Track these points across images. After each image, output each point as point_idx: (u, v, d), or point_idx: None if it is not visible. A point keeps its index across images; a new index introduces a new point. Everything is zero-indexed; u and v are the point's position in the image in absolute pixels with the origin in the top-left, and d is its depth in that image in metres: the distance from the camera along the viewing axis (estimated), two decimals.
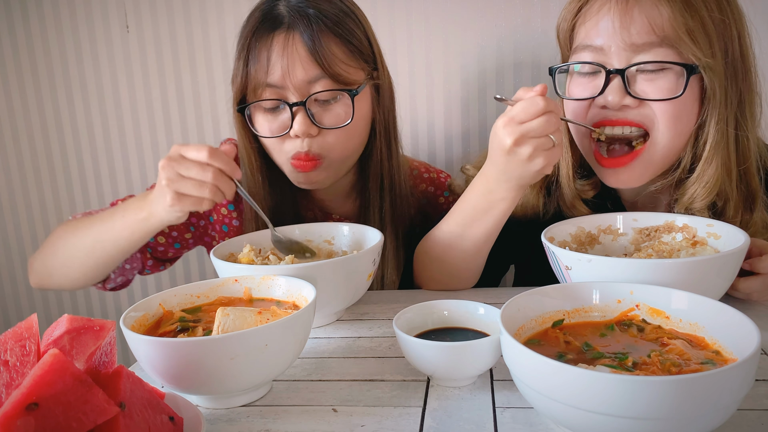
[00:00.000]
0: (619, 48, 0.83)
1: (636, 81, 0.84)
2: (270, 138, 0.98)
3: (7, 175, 1.66)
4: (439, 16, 1.41)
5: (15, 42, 1.57)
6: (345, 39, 0.95)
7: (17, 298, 1.74)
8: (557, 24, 0.94)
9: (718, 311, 0.59)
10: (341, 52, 0.95)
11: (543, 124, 0.76)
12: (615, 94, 0.84)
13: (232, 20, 1.48)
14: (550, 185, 0.98)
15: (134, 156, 1.60)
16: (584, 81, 0.88)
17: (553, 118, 0.76)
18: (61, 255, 1.00)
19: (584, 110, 0.89)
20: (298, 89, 0.94)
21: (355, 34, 0.97)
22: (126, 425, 0.46)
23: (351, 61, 0.96)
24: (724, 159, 0.85)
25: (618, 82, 0.84)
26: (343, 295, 0.83)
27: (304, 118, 0.94)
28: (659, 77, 0.83)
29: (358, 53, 0.98)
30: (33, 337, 0.50)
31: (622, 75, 0.83)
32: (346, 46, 0.96)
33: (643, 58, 0.82)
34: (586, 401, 0.47)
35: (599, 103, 0.86)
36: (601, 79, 0.85)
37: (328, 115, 0.96)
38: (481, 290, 0.96)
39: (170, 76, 1.53)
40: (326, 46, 0.93)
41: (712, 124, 0.84)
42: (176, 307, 0.73)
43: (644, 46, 0.82)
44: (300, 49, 0.92)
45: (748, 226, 0.88)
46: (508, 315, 0.60)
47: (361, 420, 0.60)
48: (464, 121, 1.46)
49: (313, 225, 0.99)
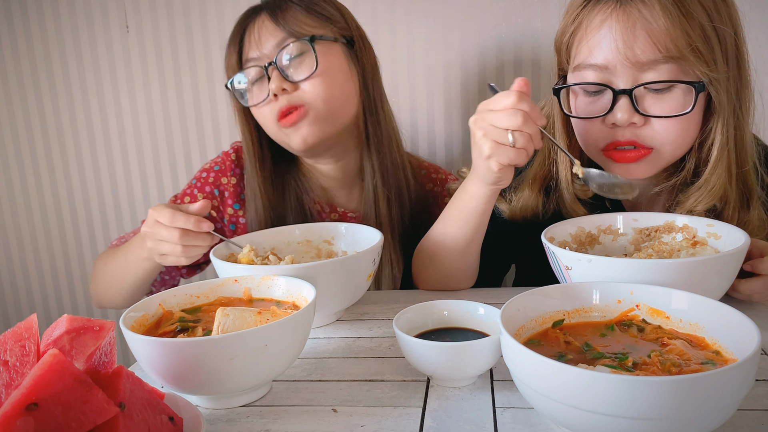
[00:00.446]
0: (624, 67, 0.82)
1: (644, 99, 0.83)
2: (260, 111, 1.05)
3: (7, 176, 1.66)
4: (439, 16, 1.41)
5: (15, 42, 1.57)
6: (308, 8, 1.04)
7: (17, 298, 1.74)
8: (556, 37, 0.93)
9: (719, 311, 0.58)
10: (303, 16, 1.03)
11: (503, 117, 0.76)
12: (624, 112, 0.83)
13: (232, 20, 1.47)
14: (549, 187, 0.98)
15: (134, 156, 1.60)
16: (590, 100, 0.87)
17: (519, 116, 0.75)
18: (102, 283, 1.12)
19: (593, 128, 0.88)
20: (270, 56, 1.03)
21: (318, 4, 1.06)
22: (126, 425, 0.46)
23: (315, 23, 1.04)
24: (728, 162, 0.85)
25: (626, 101, 0.83)
26: (343, 295, 0.83)
27: (276, 75, 1.02)
28: (667, 95, 0.82)
29: (321, 16, 1.05)
30: (33, 338, 0.50)
31: (629, 94, 0.83)
32: (309, 13, 1.04)
33: (649, 77, 0.82)
34: (586, 401, 0.47)
35: (609, 122, 0.85)
36: (608, 98, 0.84)
37: (297, 71, 1.02)
38: (481, 290, 0.96)
39: (170, 76, 1.53)
40: (288, 14, 1.03)
41: (717, 129, 0.84)
42: (176, 307, 0.73)
43: (649, 63, 0.81)
44: (267, 23, 1.03)
45: (745, 224, 0.88)
46: (508, 315, 0.60)
47: (361, 420, 0.60)
48: (464, 121, 1.46)
49: (313, 225, 0.99)
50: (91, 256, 1.68)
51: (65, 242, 1.68)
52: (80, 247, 1.68)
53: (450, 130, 1.48)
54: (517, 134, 0.76)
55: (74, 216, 1.66)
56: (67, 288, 1.71)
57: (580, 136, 0.92)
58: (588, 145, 0.91)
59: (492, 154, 0.78)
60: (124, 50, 1.53)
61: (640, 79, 0.82)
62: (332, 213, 1.16)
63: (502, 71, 1.42)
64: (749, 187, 0.89)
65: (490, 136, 0.78)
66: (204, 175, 1.15)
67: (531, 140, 0.77)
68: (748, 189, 0.89)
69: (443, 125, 1.47)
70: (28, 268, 1.72)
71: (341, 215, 1.16)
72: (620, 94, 0.83)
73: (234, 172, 1.15)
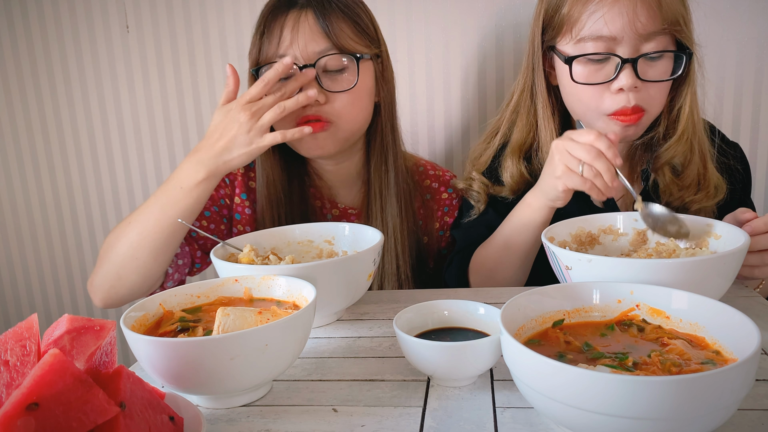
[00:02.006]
0: (629, 38, 0.92)
1: (641, 66, 0.94)
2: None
3: (7, 175, 1.66)
4: (439, 16, 1.41)
5: (15, 42, 1.57)
6: (353, 20, 1.04)
7: (17, 298, 1.74)
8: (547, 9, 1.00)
9: (719, 311, 0.59)
10: (349, 29, 1.03)
11: (579, 148, 0.85)
12: (629, 78, 0.93)
13: (232, 20, 1.48)
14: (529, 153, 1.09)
15: (134, 156, 1.60)
16: (595, 68, 0.96)
17: (593, 152, 0.84)
18: (115, 262, 0.99)
19: (598, 94, 0.97)
20: (307, 59, 1.01)
21: (361, 18, 1.06)
22: (126, 425, 0.46)
23: (357, 38, 1.04)
24: (695, 121, 1.01)
25: (630, 68, 0.93)
26: (343, 295, 0.83)
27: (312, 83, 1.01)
28: (659, 62, 0.95)
29: (365, 34, 1.05)
30: (33, 337, 0.50)
31: (634, 63, 0.93)
32: (354, 26, 1.04)
33: (649, 47, 0.93)
34: (586, 401, 0.47)
35: (614, 88, 0.95)
36: (611, 66, 0.95)
37: (334, 83, 1.03)
38: (481, 290, 0.96)
39: (170, 76, 1.53)
40: (335, 22, 1.01)
41: (688, 93, 0.99)
42: (176, 307, 0.73)
43: (650, 35, 0.92)
44: (311, 23, 1.00)
45: (706, 180, 1.03)
46: (508, 315, 0.60)
47: (361, 420, 0.60)
48: (464, 121, 1.46)
49: (313, 225, 0.99)
50: (92, 255, 1.68)
51: (65, 242, 1.68)
52: (80, 247, 1.68)
53: (450, 131, 1.48)
54: (587, 166, 0.85)
55: (74, 216, 1.66)
56: (67, 288, 1.71)
57: (580, 102, 1.00)
58: (591, 110, 0.99)
59: (561, 176, 0.88)
60: (124, 50, 1.53)
61: (642, 48, 0.93)
62: (333, 209, 1.18)
63: (501, 71, 1.42)
64: (704, 145, 1.03)
65: (564, 161, 0.87)
66: None
67: (599, 175, 0.85)
68: (703, 147, 1.03)
69: (443, 125, 1.47)
70: (29, 267, 1.72)
71: (342, 211, 1.17)
72: (626, 63, 0.93)
73: None
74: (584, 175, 0.86)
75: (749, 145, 1.38)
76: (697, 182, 1.03)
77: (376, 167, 1.12)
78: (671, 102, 1.02)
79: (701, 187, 1.03)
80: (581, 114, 1.02)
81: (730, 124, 1.38)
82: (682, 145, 1.01)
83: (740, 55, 1.34)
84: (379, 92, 1.10)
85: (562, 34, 0.98)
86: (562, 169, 0.88)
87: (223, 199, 1.16)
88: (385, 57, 1.11)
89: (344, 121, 1.04)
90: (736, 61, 1.34)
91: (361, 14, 1.06)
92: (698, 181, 1.03)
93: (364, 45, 1.05)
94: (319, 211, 1.17)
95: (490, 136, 1.15)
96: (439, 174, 1.24)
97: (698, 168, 1.03)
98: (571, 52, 0.97)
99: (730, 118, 1.38)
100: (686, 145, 1.01)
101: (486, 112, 1.45)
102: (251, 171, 1.17)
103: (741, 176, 1.10)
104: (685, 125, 1.00)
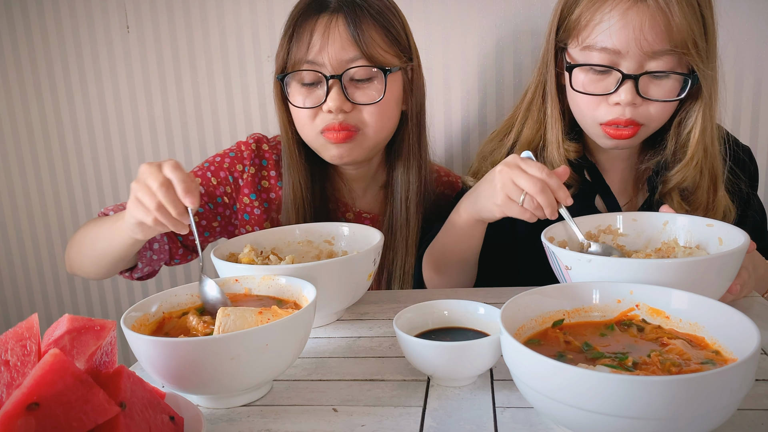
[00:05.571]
0: (634, 54, 0.89)
1: (644, 83, 0.91)
2: (303, 112, 1.03)
3: (8, 175, 1.66)
4: (439, 17, 1.41)
5: (15, 42, 1.57)
6: (384, 28, 1.02)
7: (17, 298, 1.74)
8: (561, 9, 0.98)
9: (718, 311, 0.59)
10: (380, 38, 1.01)
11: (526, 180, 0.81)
12: (628, 94, 0.91)
13: (232, 20, 1.48)
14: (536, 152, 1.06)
15: (134, 156, 1.60)
16: (597, 78, 0.94)
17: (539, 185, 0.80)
18: (77, 248, 1.06)
19: (596, 103, 0.95)
20: (335, 67, 0.99)
21: (394, 26, 1.03)
22: (126, 425, 0.46)
23: (388, 48, 1.02)
24: (706, 144, 0.96)
25: (631, 84, 0.91)
26: (344, 295, 0.83)
27: (338, 92, 0.99)
28: (664, 81, 0.92)
29: (396, 43, 1.03)
30: (34, 337, 0.50)
31: (636, 80, 0.90)
32: (385, 35, 1.02)
33: (655, 65, 0.90)
34: (586, 401, 0.47)
35: (612, 101, 0.93)
36: (613, 79, 0.92)
37: (361, 94, 1.01)
38: (481, 290, 0.96)
39: (170, 76, 1.53)
40: (366, 31, 0.99)
41: (699, 114, 0.95)
42: (177, 307, 0.73)
43: (657, 53, 0.89)
44: (342, 30, 0.98)
45: (714, 204, 0.99)
46: (508, 315, 0.60)
47: (361, 420, 0.60)
48: (464, 121, 1.46)
49: (313, 225, 0.99)
50: None
51: (66, 242, 1.68)
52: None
53: (450, 130, 1.48)
54: (528, 198, 0.82)
55: (75, 216, 1.66)
56: (67, 288, 1.71)
57: (578, 107, 0.99)
58: (586, 117, 0.98)
59: (501, 205, 0.85)
60: (125, 50, 1.53)
61: (646, 65, 0.90)
62: (348, 212, 1.17)
63: (501, 71, 1.42)
64: (716, 169, 0.99)
65: (505, 190, 0.84)
66: (218, 160, 1.14)
67: (540, 208, 0.82)
68: (715, 170, 0.99)
69: (443, 125, 1.47)
70: (29, 267, 1.72)
71: (356, 215, 1.17)
72: (627, 78, 0.90)
73: (253, 162, 1.15)
74: (524, 206, 0.83)
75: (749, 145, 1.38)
76: (705, 206, 0.99)
77: (401, 175, 1.11)
78: (680, 123, 0.98)
79: (709, 211, 0.99)
80: (578, 119, 1.01)
81: (730, 125, 1.38)
82: (692, 170, 0.97)
83: (740, 55, 1.34)
84: (407, 101, 1.09)
85: (571, 37, 0.97)
86: (502, 198, 0.84)
87: (221, 197, 1.14)
88: (416, 66, 1.08)
89: (371, 131, 1.03)
90: (736, 61, 1.34)
91: (394, 22, 1.04)
92: (706, 204, 0.99)
93: (395, 54, 1.03)
94: (333, 214, 1.16)
95: (502, 133, 1.13)
96: (453, 180, 1.24)
97: (708, 193, 0.99)
98: (577, 56, 0.96)
99: (730, 118, 1.37)
100: (696, 169, 0.97)
101: (486, 112, 1.45)
102: (263, 169, 1.16)
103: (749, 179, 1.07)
104: (695, 150, 0.96)
